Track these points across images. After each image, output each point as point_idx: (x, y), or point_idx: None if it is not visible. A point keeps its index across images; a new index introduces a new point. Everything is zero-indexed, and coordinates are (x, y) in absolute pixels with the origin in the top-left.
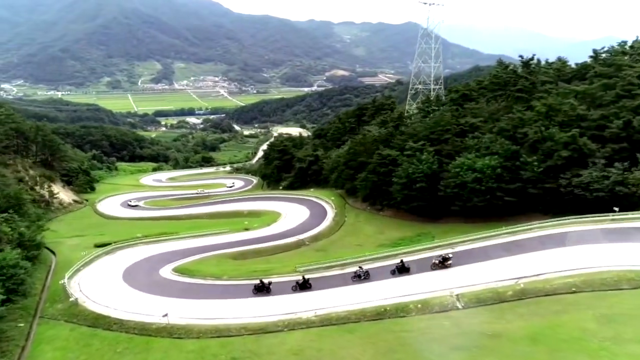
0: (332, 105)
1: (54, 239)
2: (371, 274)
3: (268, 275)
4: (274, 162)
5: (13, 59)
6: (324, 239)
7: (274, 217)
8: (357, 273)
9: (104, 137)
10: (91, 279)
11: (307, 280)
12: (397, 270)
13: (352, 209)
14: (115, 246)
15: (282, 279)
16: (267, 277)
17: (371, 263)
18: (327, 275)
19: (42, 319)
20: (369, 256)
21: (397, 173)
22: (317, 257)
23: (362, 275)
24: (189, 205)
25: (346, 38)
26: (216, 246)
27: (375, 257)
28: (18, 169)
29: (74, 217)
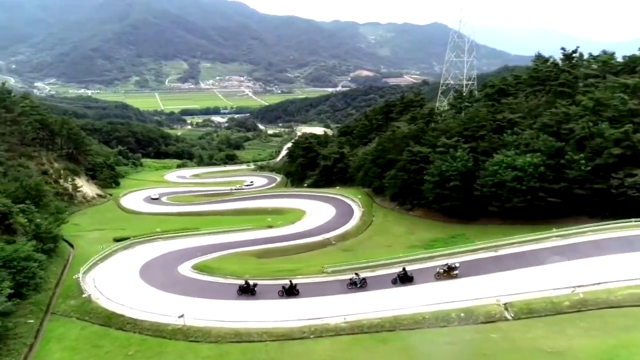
0: (356, 105)
1: (75, 232)
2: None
3: (293, 275)
4: (298, 159)
5: (47, 58)
6: (351, 239)
7: (299, 214)
8: (353, 280)
9: (130, 134)
10: (107, 274)
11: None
12: (399, 280)
13: (380, 208)
14: (134, 241)
15: (308, 279)
16: (292, 277)
17: (411, 264)
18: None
19: (54, 316)
20: (405, 257)
21: (429, 171)
22: (344, 257)
23: (358, 283)
24: (211, 202)
25: (371, 38)
26: (238, 243)
27: (413, 258)
28: (42, 161)
29: (96, 211)
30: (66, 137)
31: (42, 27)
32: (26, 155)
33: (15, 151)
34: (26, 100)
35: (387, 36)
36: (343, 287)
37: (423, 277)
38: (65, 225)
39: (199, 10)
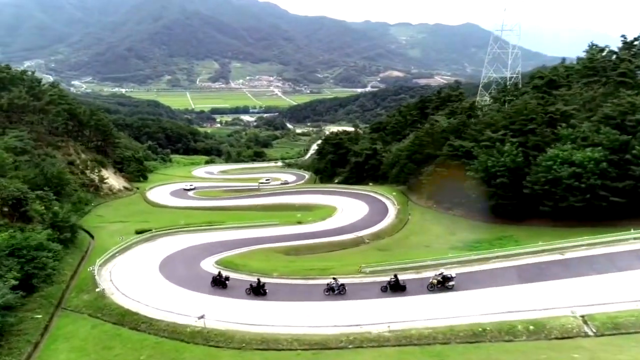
0: (386, 106)
1: (98, 223)
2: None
3: (326, 274)
4: (327, 156)
5: (84, 57)
6: (386, 238)
7: (329, 211)
8: (330, 285)
9: (160, 130)
10: (124, 267)
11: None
12: (390, 288)
13: (416, 207)
14: (156, 233)
15: (344, 280)
16: (325, 277)
17: (461, 266)
18: (399, 279)
19: (64, 311)
20: (455, 258)
21: (473, 166)
22: (380, 257)
23: (335, 288)
24: (238, 197)
25: (402, 39)
26: (266, 239)
27: (464, 259)
28: (69, 152)
29: (121, 203)
30: (94, 128)
31: (80, 28)
32: (53, 144)
33: (42, 140)
34: (55, 89)
35: (418, 37)
36: (386, 290)
37: (476, 282)
38: (88, 216)
39: (230, 11)
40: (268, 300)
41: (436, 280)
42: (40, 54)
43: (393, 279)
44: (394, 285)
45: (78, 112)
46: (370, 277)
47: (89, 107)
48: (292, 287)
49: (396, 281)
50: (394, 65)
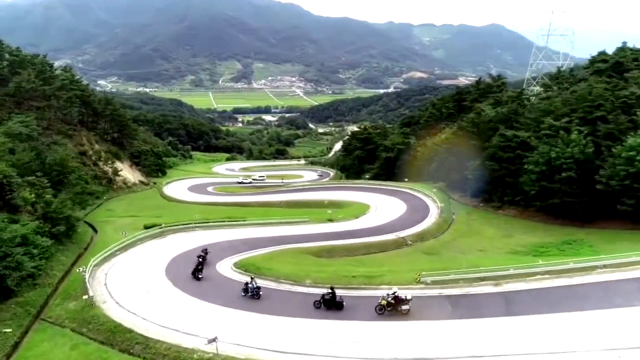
0: (410, 106)
1: (106, 217)
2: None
3: (374, 284)
4: (355, 152)
5: (110, 57)
6: (430, 239)
7: (362, 209)
8: (387, 299)
9: (181, 126)
10: (124, 269)
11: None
12: (323, 303)
13: (460, 205)
14: (166, 229)
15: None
16: (373, 287)
17: (553, 278)
18: (474, 293)
19: (43, 323)
20: (547, 266)
21: (531, 159)
22: (429, 262)
23: (251, 291)
24: (261, 193)
25: (425, 40)
26: (292, 238)
27: (559, 269)
28: (82, 141)
29: (135, 197)
30: (110, 118)
31: (107, 29)
32: (64, 133)
33: (52, 128)
34: (67, 73)
35: (442, 38)
36: (456, 308)
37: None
38: (98, 210)
39: (254, 13)
40: (304, 318)
41: (385, 301)
42: (68, 55)
43: (329, 292)
44: (329, 300)
45: (91, 100)
46: (433, 288)
47: (104, 95)
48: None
49: (332, 295)
50: (417, 66)
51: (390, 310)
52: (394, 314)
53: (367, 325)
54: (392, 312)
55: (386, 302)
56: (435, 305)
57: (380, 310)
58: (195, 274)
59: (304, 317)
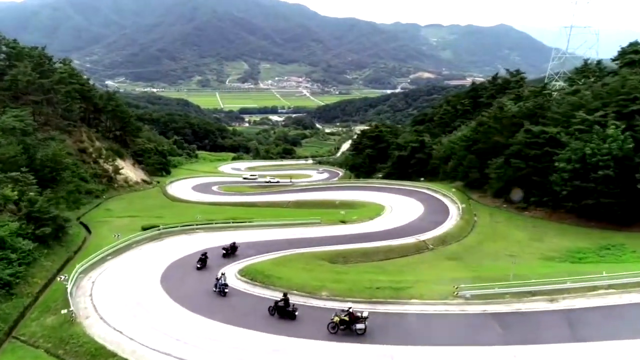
0: (418, 106)
1: (103, 217)
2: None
3: (404, 297)
4: (365, 151)
5: (118, 58)
6: (453, 243)
7: (377, 209)
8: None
9: (187, 125)
10: (114, 277)
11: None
12: (277, 310)
13: (480, 206)
14: (165, 231)
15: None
16: (403, 300)
17: (616, 294)
18: (526, 311)
19: (14, 342)
20: (616, 279)
21: (562, 156)
22: (455, 268)
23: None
24: (268, 192)
25: (432, 41)
26: (303, 241)
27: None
28: (82, 138)
29: (137, 197)
30: (111, 114)
31: (115, 29)
32: (62, 129)
33: (50, 124)
34: (66, 66)
35: (450, 38)
36: (508, 330)
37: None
38: (96, 210)
39: (260, 13)
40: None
41: (338, 318)
42: (76, 55)
43: (282, 298)
44: (281, 309)
45: (92, 95)
46: (475, 304)
47: (106, 91)
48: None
49: (285, 302)
50: (425, 66)
51: (343, 330)
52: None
53: (372, 350)
54: (346, 332)
55: (339, 319)
56: (480, 326)
57: (333, 328)
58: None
59: (324, 339)
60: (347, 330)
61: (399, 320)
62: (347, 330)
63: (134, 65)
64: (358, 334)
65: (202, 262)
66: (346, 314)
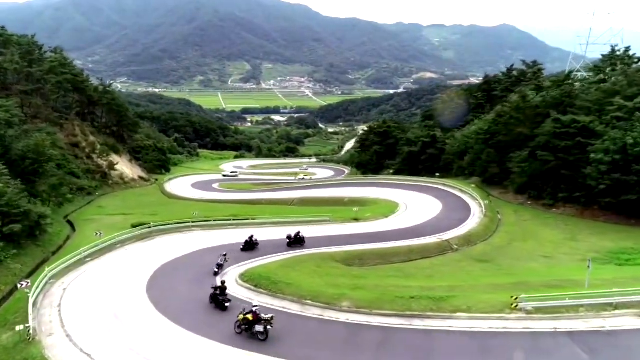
0: (421, 106)
1: (92, 215)
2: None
3: (446, 310)
4: (372, 147)
5: (119, 58)
6: (479, 243)
7: (390, 207)
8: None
9: (188, 124)
10: (91, 282)
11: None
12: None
13: (503, 203)
14: (155, 229)
15: (487, 323)
16: (442, 314)
17: None
18: (612, 330)
19: None
20: None
21: (599, 146)
22: (485, 271)
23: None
24: (272, 189)
25: (435, 41)
26: (314, 241)
27: None
28: (74, 132)
29: (132, 194)
30: (107, 108)
31: (117, 30)
32: (53, 121)
33: (40, 116)
34: (56, 55)
35: (452, 38)
36: (597, 357)
37: None
38: (88, 207)
39: (263, 13)
40: None
41: (242, 316)
42: (78, 55)
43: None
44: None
45: (86, 87)
46: (541, 319)
47: (101, 83)
48: (388, 334)
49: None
50: (427, 66)
51: (246, 330)
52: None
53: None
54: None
55: (242, 317)
56: (554, 349)
57: (239, 328)
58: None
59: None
60: (249, 332)
61: (446, 340)
62: (249, 332)
63: (136, 65)
64: (259, 338)
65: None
66: (248, 312)
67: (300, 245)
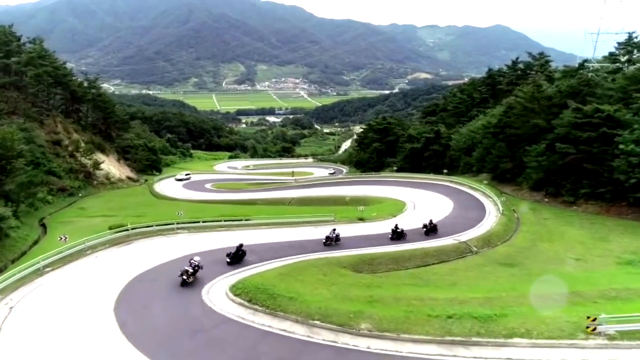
0: (417, 105)
1: (71, 217)
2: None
3: (499, 334)
4: (372, 145)
5: (113, 60)
6: (500, 244)
7: (397, 206)
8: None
9: (181, 124)
10: (46, 300)
11: None
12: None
13: (518, 201)
14: (133, 231)
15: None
16: (495, 340)
17: None
18: None
19: None
20: None
21: (627, 137)
22: (516, 277)
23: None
24: (268, 189)
25: (429, 42)
26: (316, 244)
27: None
28: (56, 129)
29: (118, 194)
30: (92, 103)
31: (111, 32)
32: (32, 117)
33: (18, 112)
34: (36, 45)
35: (446, 39)
36: None
37: None
38: (69, 209)
39: (257, 15)
40: None
41: None
42: (71, 58)
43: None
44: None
45: (68, 81)
46: (630, 346)
47: (86, 77)
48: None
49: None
50: (422, 67)
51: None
52: None
53: None
54: None
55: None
56: None
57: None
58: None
59: None
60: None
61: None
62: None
63: (129, 68)
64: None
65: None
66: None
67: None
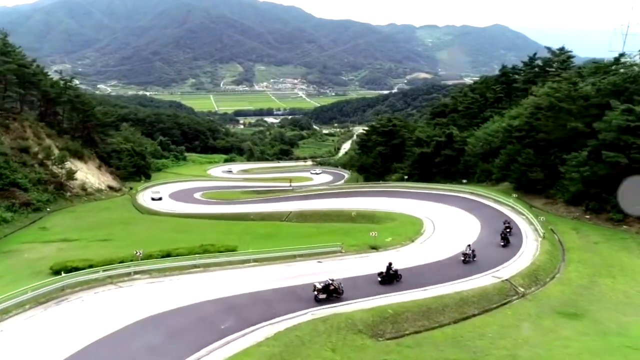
0: (417, 105)
1: (23, 242)
2: None
3: None
4: (376, 149)
5: (110, 61)
6: (550, 281)
7: (413, 225)
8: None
9: (175, 125)
10: None
11: None
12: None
13: (553, 218)
14: (70, 281)
15: None
16: None
17: None
18: None
19: None
20: None
21: None
22: (587, 335)
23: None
24: (263, 200)
25: (428, 42)
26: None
27: None
28: (24, 134)
29: (93, 208)
30: (69, 106)
31: (108, 33)
32: None
33: None
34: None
35: (445, 39)
36: None
37: None
38: (27, 229)
39: (255, 15)
40: None
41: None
42: (68, 59)
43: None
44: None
45: (39, 81)
46: None
47: (61, 77)
48: None
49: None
50: (421, 67)
51: None
52: None
53: None
54: None
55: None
56: None
57: None
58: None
59: None
60: None
61: None
62: None
63: (126, 68)
64: None
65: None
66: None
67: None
